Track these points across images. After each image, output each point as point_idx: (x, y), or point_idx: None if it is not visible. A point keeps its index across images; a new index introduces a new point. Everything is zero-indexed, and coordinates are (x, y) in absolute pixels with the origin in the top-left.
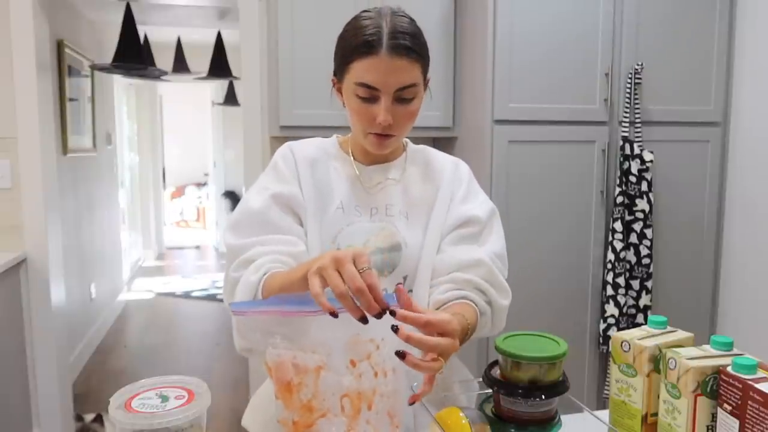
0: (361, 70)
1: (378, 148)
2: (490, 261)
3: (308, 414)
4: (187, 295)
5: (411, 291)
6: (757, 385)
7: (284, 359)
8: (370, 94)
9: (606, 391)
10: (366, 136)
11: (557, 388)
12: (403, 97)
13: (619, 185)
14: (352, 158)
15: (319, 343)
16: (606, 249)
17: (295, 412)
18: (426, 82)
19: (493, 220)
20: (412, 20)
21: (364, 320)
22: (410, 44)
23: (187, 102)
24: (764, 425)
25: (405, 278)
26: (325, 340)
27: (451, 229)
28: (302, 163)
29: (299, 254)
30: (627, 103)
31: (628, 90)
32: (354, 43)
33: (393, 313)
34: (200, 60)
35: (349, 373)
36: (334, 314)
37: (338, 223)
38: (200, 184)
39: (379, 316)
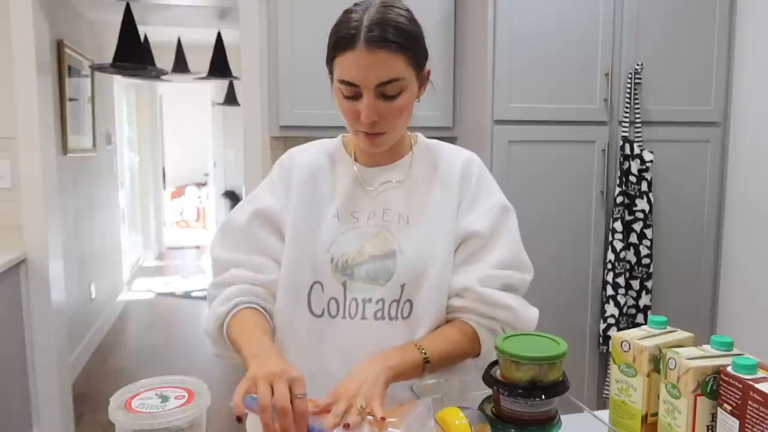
0: (341, 67)
1: (370, 147)
2: (479, 283)
3: None
4: (187, 295)
5: (409, 301)
6: (757, 385)
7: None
8: (353, 92)
9: (606, 391)
10: (357, 134)
11: (557, 388)
12: (386, 93)
13: (619, 185)
14: (353, 160)
15: None
16: (606, 249)
17: None
18: (425, 74)
19: (502, 224)
20: (406, 11)
21: None
22: (390, 35)
23: (187, 102)
24: (764, 425)
25: (403, 287)
26: None
27: (460, 241)
28: (300, 173)
29: (270, 283)
30: (627, 103)
31: (628, 90)
32: (334, 39)
33: None
34: (200, 60)
35: None
36: (239, 419)
37: (333, 232)
38: (200, 184)
39: None
